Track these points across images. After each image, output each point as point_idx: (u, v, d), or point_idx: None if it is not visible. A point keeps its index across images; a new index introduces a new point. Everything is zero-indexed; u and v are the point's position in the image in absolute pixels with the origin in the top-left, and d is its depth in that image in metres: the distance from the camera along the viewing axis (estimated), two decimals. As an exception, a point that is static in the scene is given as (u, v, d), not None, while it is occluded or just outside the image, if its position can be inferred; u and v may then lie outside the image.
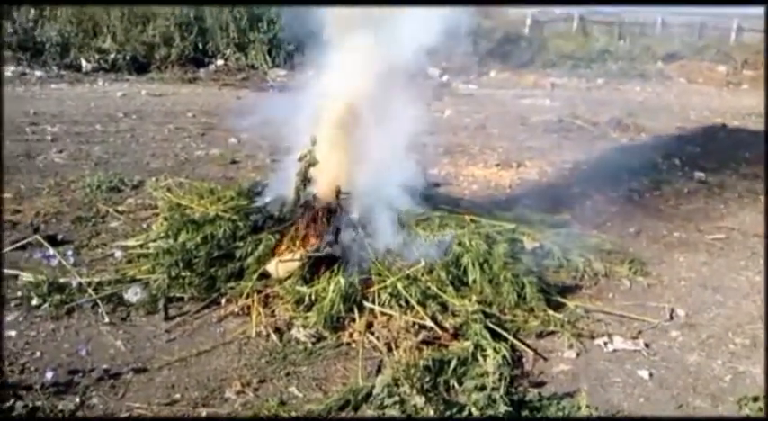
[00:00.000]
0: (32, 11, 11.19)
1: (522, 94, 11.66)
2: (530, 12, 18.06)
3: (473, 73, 13.63)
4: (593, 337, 3.07)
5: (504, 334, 2.93)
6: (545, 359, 2.88)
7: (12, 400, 2.35)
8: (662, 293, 3.64)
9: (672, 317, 3.36)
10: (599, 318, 3.27)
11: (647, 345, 3.05)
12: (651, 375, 2.81)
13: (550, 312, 3.18)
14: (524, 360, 2.86)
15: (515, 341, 2.94)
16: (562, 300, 3.37)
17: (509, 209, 4.48)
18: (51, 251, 3.51)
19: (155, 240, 3.61)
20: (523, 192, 5.42)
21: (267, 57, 11.98)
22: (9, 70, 10.30)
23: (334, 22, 3.50)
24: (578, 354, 2.93)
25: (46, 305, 3.04)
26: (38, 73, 10.43)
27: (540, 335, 3.05)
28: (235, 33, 11.85)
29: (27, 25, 11.09)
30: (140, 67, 11.21)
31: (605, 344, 3.03)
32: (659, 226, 4.76)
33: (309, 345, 2.86)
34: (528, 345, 2.94)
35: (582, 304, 3.38)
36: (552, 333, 3.07)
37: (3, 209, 4.18)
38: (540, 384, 2.69)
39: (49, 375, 2.46)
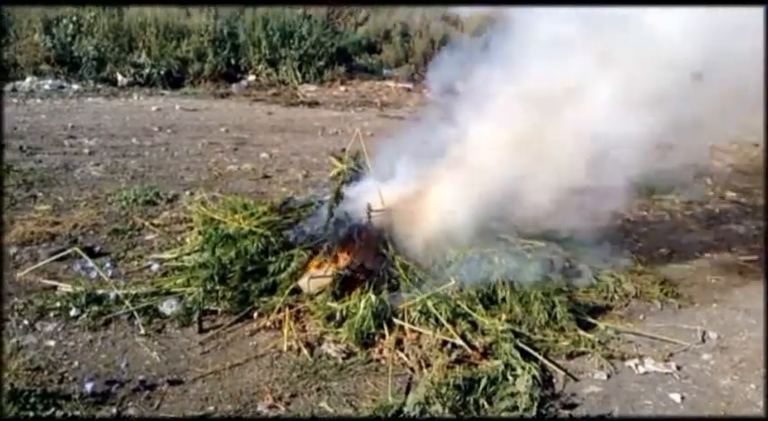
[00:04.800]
0: (71, 26, 11.47)
1: (551, 110, 11.61)
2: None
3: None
4: (624, 359, 3.06)
5: (535, 353, 2.94)
6: (576, 380, 2.88)
7: (52, 409, 2.42)
8: (694, 315, 3.60)
9: (704, 340, 3.33)
10: (630, 340, 3.25)
11: (678, 368, 3.03)
12: (683, 398, 2.79)
13: (581, 332, 3.18)
14: (555, 380, 2.85)
15: (546, 361, 2.94)
16: (592, 320, 3.36)
17: (538, 226, 4.47)
18: (90, 263, 3.61)
19: (189, 254, 3.69)
20: (552, 209, 5.40)
21: (297, 72, 12.10)
22: (47, 84, 10.55)
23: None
24: (609, 376, 2.92)
25: (84, 316, 3.12)
26: (75, 86, 10.66)
27: (570, 356, 3.04)
28: (267, 49, 11.99)
29: (65, 40, 11.37)
30: (174, 81, 11.38)
31: (636, 365, 3.01)
32: (691, 247, 4.71)
33: (340, 361, 2.89)
34: (558, 366, 2.93)
35: (613, 325, 3.36)
36: (583, 353, 3.06)
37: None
38: (571, 406, 2.68)
39: (88, 386, 2.53)
